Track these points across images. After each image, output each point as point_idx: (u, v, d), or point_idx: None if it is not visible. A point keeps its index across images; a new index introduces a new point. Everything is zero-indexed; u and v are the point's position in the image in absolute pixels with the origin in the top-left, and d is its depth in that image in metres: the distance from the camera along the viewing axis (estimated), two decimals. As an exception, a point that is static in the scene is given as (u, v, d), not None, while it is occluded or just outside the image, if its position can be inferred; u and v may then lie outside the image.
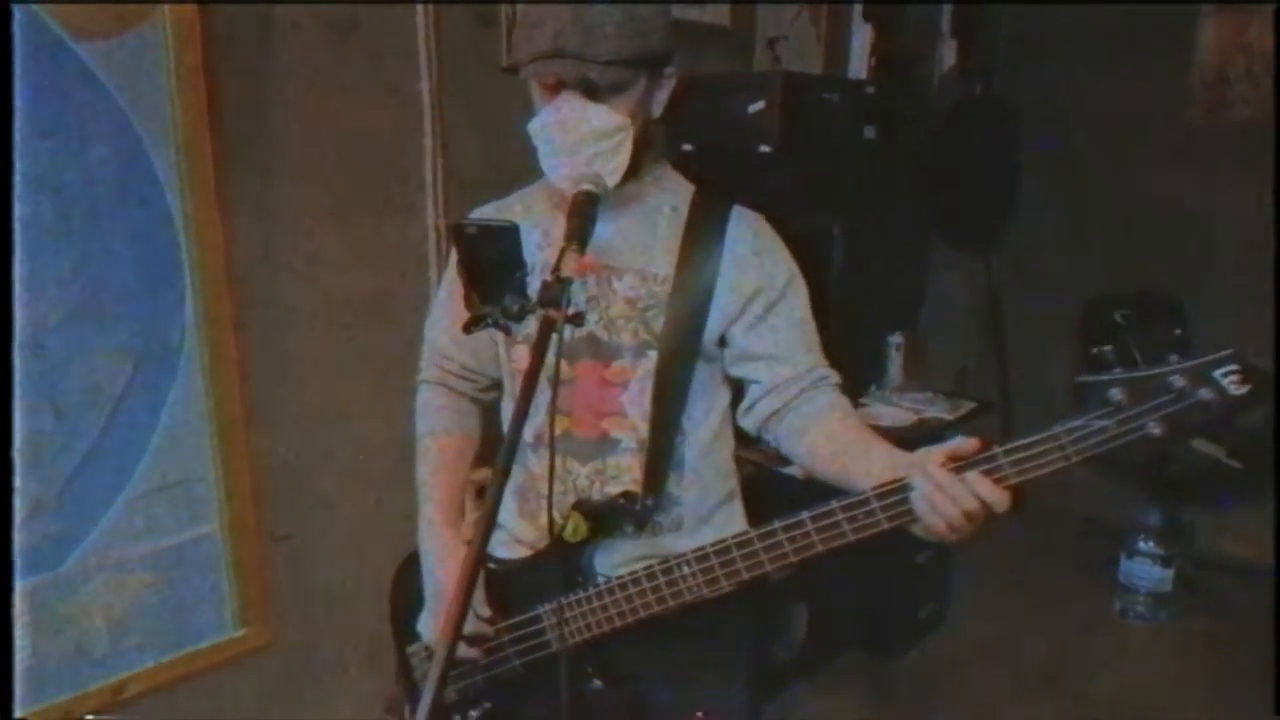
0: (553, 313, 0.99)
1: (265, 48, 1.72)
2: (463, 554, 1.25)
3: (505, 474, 0.94)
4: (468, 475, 1.42)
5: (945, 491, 0.98)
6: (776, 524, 1.08)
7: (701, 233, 1.25)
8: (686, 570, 1.14)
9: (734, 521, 1.37)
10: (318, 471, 1.95)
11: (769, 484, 2.04)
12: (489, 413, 1.41)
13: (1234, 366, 0.89)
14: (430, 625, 1.30)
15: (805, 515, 1.05)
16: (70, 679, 1.62)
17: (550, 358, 1.00)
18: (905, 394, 2.72)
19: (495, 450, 1.30)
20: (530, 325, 1.25)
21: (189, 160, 1.63)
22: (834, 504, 1.04)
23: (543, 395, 1.30)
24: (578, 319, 1.05)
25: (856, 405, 2.62)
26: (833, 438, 1.20)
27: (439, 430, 1.37)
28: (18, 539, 1.51)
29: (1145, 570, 2.86)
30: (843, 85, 2.30)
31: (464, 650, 1.25)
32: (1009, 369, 3.45)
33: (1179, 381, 0.89)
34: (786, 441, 1.26)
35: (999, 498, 0.98)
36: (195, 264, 1.67)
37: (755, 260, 1.24)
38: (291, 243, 1.81)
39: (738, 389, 1.31)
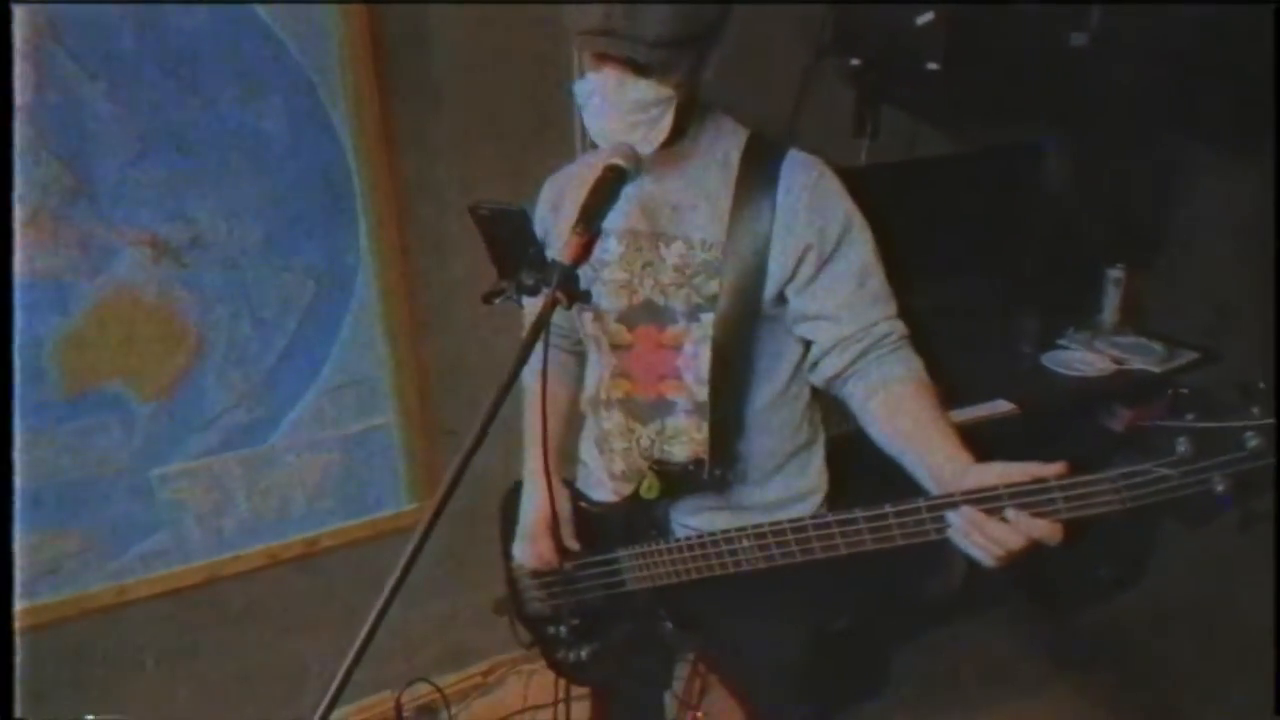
0: (558, 294, 1.05)
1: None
2: (554, 494, 1.37)
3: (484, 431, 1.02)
4: (568, 419, 1.56)
5: (983, 532, 0.96)
6: (829, 516, 1.12)
7: (752, 189, 1.23)
8: (746, 544, 1.20)
9: (807, 473, 1.39)
10: (478, 376, 2.18)
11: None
12: (584, 364, 1.51)
13: None
14: (518, 550, 1.47)
15: (859, 513, 1.08)
16: (276, 530, 2.04)
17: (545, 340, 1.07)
18: (1113, 337, 2.42)
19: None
20: (596, 291, 1.33)
21: (357, 100, 1.82)
22: (888, 507, 1.05)
23: (604, 360, 1.39)
24: (584, 297, 1.10)
25: (1053, 347, 2.42)
26: (891, 420, 1.17)
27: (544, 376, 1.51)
28: (232, 419, 1.90)
29: None
30: (1044, -13, 1.98)
31: (539, 562, 1.42)
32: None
33: (1253, 440, 0.83)
34: (853, 409, 1.24)
35: (1048, 533, 0.93)
36: (366, 194, 1.90)
37: (806, 214, 1.20)
38: (449, 171, 1.99)
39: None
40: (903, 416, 1.16)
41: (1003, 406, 2.12)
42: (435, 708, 2.12)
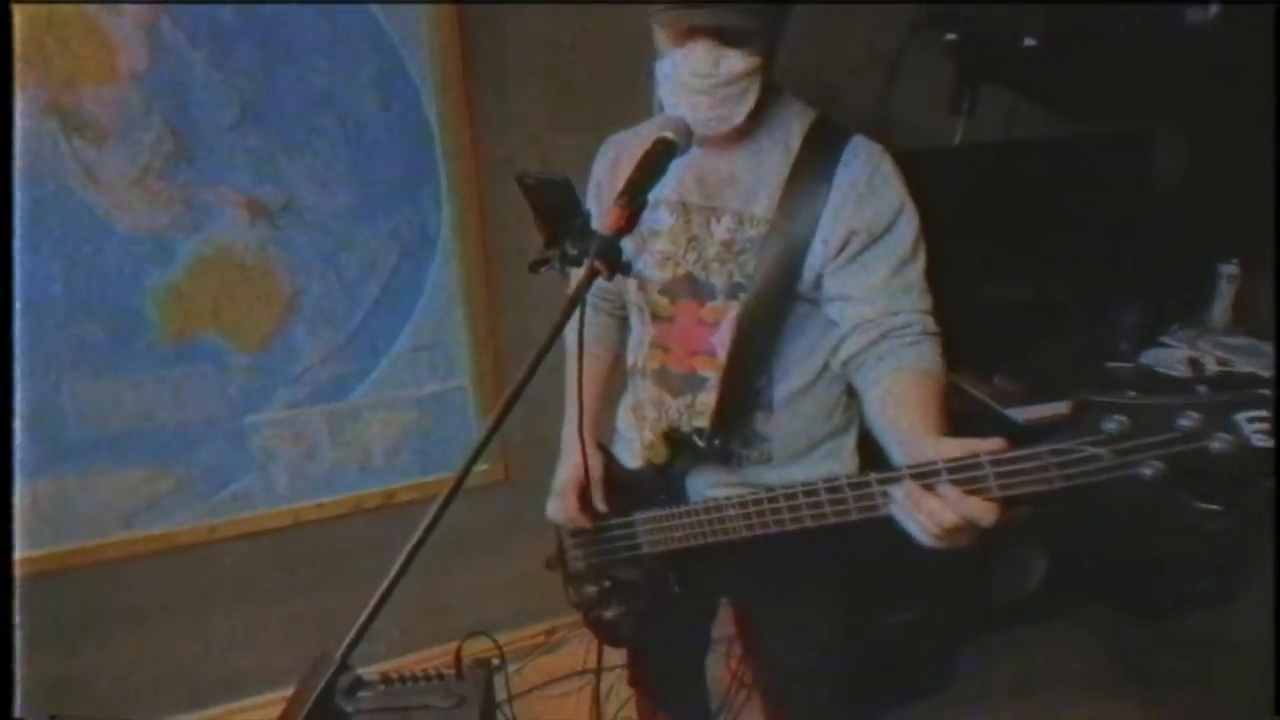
0: (598, 264, 1.07)
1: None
2: (587, 456, 1.41)
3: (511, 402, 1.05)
4: (605, 383, 1.59)
5: (918, 507, 0.93)
6: (799, 488, 1.10)
7: (809, 171, 1.22)
8: (731, 512, 1.21)
9: (836, 459, 1.38)
10: (551, 345, 2.24)
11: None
12: (624, 328, 1.53)
13: (1263, 412, 0.72)
14: (550, 506, 1.51)
15: (820, 484, 1.07)
16: (357, 481, 2.15)
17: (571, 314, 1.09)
18: (1221, 337, 2.26)
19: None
20: (643, 261, 1.35)
21: (443, 76, 1.87)
22: (842, 479, 1.05)
23: (645, 329, 1.40)
24: (624, 268, 1.11)
25: (1154, 344, 2.28)
26: (885, 407, 1.14)
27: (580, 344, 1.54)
28: (319, 374, 2.01)
29: None
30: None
31: (579, 520, 1.44)
32: None
33: (1189, 420, 0.75)
34: (860, 393, 1.22)
35: (979, 512, 0.90)
36: (448, 167, 1.96)
37: (859, 200, 1.19)
38: (527, 147, 2.03)
39: None
40: (896, 405, 1.12)
41: (1088, 403, 2.02)
42: (495, 662, 2.20)
